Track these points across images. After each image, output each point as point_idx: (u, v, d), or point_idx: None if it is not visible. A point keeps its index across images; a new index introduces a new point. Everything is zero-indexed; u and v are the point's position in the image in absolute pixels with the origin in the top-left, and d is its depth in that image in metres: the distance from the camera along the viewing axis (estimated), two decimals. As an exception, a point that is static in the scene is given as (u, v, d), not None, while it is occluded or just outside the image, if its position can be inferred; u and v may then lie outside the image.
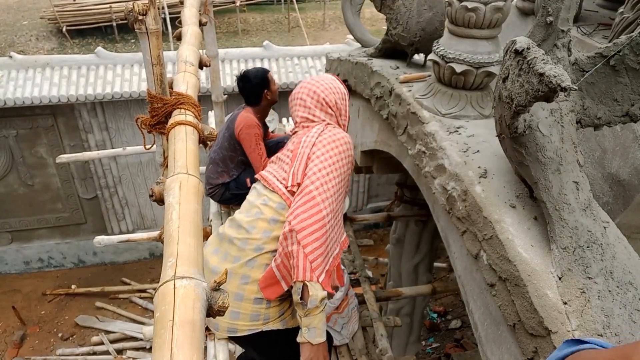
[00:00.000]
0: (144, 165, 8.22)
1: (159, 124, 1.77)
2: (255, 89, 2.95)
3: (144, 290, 8.22)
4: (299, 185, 1.84)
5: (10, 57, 7.18)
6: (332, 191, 1.83)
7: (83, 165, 7.97)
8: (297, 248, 1.71)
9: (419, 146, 2.25)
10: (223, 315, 0.99)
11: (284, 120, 5.00)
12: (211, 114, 4.69)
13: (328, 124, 2.01)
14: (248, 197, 2.03)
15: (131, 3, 1.72)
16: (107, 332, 7.49)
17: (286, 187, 1.86)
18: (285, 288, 1.84)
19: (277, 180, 1.91)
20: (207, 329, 2.12)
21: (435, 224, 2.23)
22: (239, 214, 1.97)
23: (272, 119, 4.16)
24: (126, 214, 8.62)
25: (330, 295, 2.19)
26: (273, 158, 2.09)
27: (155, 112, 1.75)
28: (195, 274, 0.97)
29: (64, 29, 10.59)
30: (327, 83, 2.05)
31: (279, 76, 7.53)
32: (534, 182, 1.58)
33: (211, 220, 3.24)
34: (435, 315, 6.82)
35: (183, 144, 1.48)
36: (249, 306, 1.87)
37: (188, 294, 0.92)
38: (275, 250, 1.83)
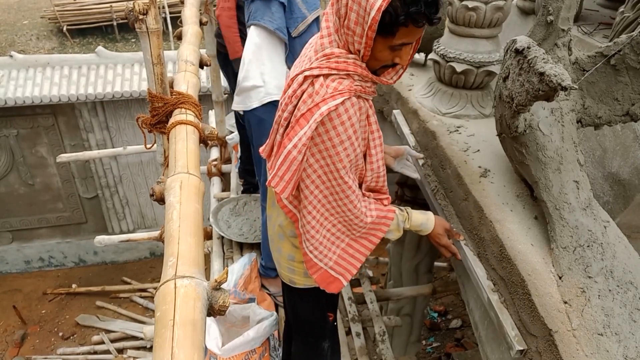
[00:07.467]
0: (145, 164, 8.21)
1: (160, 124, 1.78)
2: None
3: (144, 290, 8.21)
4: None
5: (11, 56, 7.17)
6: None
7: (84, 165, 7.96)
8: None
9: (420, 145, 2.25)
10: (224, 315, 0.99)
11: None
12: (211, 113, 4.68)
13: None
14: None
15: (132, 2, 1.72)
16: (108, 331, 7.48)
17: None
18: None
19: None
20: None
21: (435, 223, 2.22)
22: None
23: None
24: (127, 213, 8.62)
25: None
26: None
27: (156, 111, 1.75)
28: (196, 274, 0.98)
29: (64, 29, 10.56)
30: None
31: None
32: (534, 182, 1.58)
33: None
34: (435, 315, 6.81)
35: (184, 143, 1.48)
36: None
37: (189, 294, 0.92)
38: None
